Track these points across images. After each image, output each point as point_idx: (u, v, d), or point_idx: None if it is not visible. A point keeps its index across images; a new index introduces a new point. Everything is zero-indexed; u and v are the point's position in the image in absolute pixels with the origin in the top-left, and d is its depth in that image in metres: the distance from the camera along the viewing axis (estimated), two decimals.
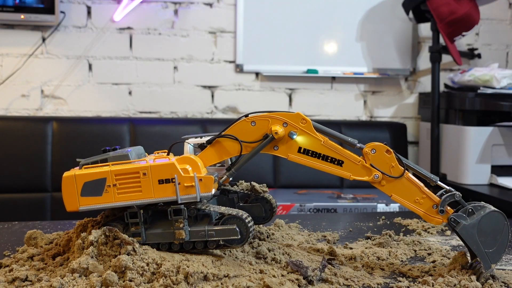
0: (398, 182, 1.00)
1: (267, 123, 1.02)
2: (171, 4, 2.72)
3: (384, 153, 1.00)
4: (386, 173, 1.00)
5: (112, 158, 1.00)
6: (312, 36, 2.82)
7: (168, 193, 0.97)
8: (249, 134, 1.02)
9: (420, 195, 1.00)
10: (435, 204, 0.99)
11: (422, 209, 1.00)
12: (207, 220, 1.01)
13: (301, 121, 1.02)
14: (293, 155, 1.02)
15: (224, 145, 1.03)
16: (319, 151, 1.01)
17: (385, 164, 1.00)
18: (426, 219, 1.00)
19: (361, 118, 2.91)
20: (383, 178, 1.00)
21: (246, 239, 0.97)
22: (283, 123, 1.01)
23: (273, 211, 1.17)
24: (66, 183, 0.98)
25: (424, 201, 1.00)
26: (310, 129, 1.02)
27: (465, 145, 2.44)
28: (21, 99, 2.66)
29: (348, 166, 1.01)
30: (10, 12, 2.51)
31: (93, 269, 0.91)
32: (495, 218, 0.97)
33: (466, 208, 0.98)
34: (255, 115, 1.02)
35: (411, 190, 1.00)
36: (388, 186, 1.01)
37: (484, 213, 0.97)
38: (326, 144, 1.01)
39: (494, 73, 2.46)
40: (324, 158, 1.01)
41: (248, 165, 1.05)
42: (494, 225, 0.97)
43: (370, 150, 1.01)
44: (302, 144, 1.02)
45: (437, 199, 1.00)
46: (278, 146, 1.03)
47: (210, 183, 0.98)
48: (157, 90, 2.75)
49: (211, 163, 1.03)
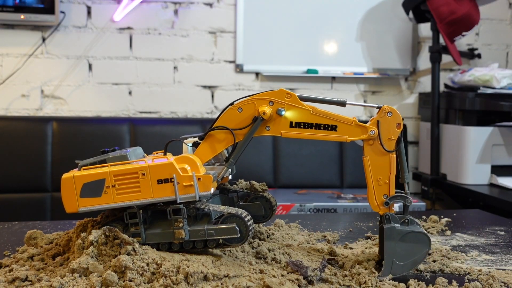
0: (381, 154, 1.00)
1: (253, 106, 1.01)
2: (171, 4, 2.72)
3: (394, 124, 1.00)
4: (381, 140, 0.99)
5: (110, 159, 1.00)
6: (312, 36, 2.82)
7: (167, 193, 0.97)
8: (239, 121, 1.02)
9: (385, 178, 1.00)
10: (386, 195, 1.00)
11: (376, 191, 1.00)
12: (207, 220, 1.01)
13: (286, 95, 1.01)
14: (286, 131, 1.02)
15: (216, 138, 1.03)
16: (310, 121, 1.00)
17: (387, 132, 1.00)
18: (370, 201, 1.00)
19: (361, 118, 2.91)
20: (375, 140, 1.00)
21: (245, 237, 0.97)
22: (269, 102, 1.01)
23: (272, 210, 1.17)
24: (65, 185, 0.98)
25: (382, 186, 1.00)
26: (296, 102, 1.01)
27: (465, 145, 2.44)
28: (21, 99, 2.66)
29: (342, 129, 1.00)
30: (10, 12, 2.51)
31: (93, 269, 0.91)
32: (421, 240, 0.98)
33: (404, 216, 0.99)
34: (240, 101, 1.02)
35: (382, 168, 1.00)
36: (372, 149, 1.00)
37: (415, 230, 0.98)
38: (316, 112, 1.00)
39: (494, 73, 2.46)
40: (317, 127, 1.01)
41: (248, 165, 1.05)
42: (417, 245, 0.98)
43: (387, 112, 0.99)
44: (292, 118, 1.01)
45: (393, 191, 1.00)
46: (269, 126, 1.02)
47: (209, 182, 0.98)
48: (157, 90, 2.75)
49: (207, 158, 1.03)
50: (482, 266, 1.09)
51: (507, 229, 1.43)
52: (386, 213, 0.99)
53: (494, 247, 1.26)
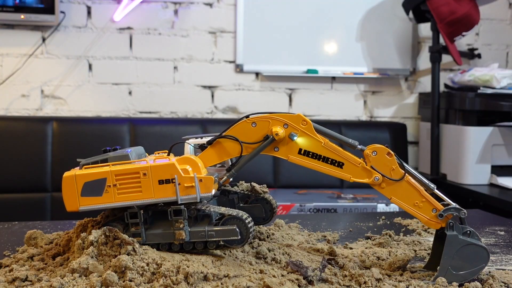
0: (398, 185, 1.00)
1: (267, 124, 1.01)
2: (171, 4, 2.72)
3: (385, 156, 1.00)
4: (387, 175, 1.00)
5: (112, 158, 1.00)
6: (312, 36, 2.82)
7: (168, 193, 0.97)
8: (250, 135, 1.02)
9: (420, 198, 1.00)
10: (434, 209, 0.99)
11: (421, 212, 1.00)
12: (207, 221, 1.00)
13: (302, 122, 1.01)
14: (294, 157, 1.02)
15: (224, 146, 1.03)
16: (320, 152, 1.01)
17: (386, 166, 1.00)
18: (424, 222, 1.00)
19: (361, 118, 2.91)
20: (383, 181, 1.00)
21: (246, 239, 0.97)
22: (284, 124, 1.01)
23: (273, 212, 1.17)
24: (66, 183, 0.98)
25: (424, 205, 1.00)
26: (310, 131, 1.02)
27: (465, 145, 2.44)
28: (21, 99, 2.66)
29: (348, 168, 1.01)
30: (10, 12, 2.51)
31: (93, 269, 0.91)
32: (481, 255, 0.97)
33: (466, 227, 0.98)
34: (255, 116, 1.02)
35: (410, 194, 1.00)
36: (388, 189, 1.00)
37: (476, 243, 0.97)
38: (327, 146, 1.01)
39: (494, 73, 2.46)
40: (325, 160, 1.01)
41: (248, 165, 1.05)
42: (475, 258, 0.97)
43: (371, 152, 1.00)
44: (302, 145, 1.02)
45: (437, 203, 0.99)
46: (278, 147, 1.02)
47: (210, 184, 0.98)
48: (157, 90, 2.75)
49: (211, 163, 1.03)
50: None
51: (507, 229, 1.43)
52: (450, 221, 0.98)
53: (494, 247, 1.26)
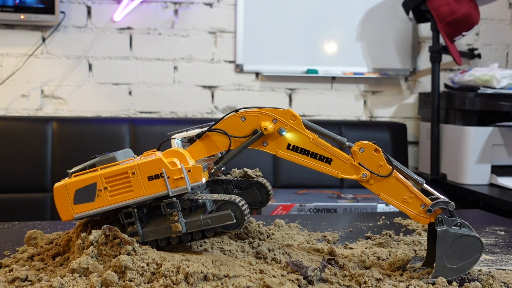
0: (387, 181, 1.00)
1: (257, 119, 1.02)
2: (171, 4, 2.72)
3: (372, 152, 1.00)
4: (374, 172, 1.00)
5: (99, 162, 1.00)
6: (312, 36, 2.82)
7: (159, 188, 0.97)
8: (239, 129, 1.02)
9: (408, 194, 1.00)
10: (423, 204, 0.99)
11: (410, 208, 1.00)
12: (202, 210, 1.01)
13: (291, 117, 1.02)
14: (282, 152, 1.02)
15: (213, 140, 1.03)
16: (308, 148, 1.01)
17: (373, 163, 1.00)
18: (413, 217, 1.00)
19: (361, 118, 2.91)
20: (372, 177, 1.01)
21: (242, 223, 0.97)
22: (273, 119, 1.01)
23: (269, 195, 1.17)
24: (58, 194, 0.98)
25: (412, 201, 1.00)
26: (299, 126, 1.02)
27: (465, 145, 2.44)
28: (21, 99, 2.66)
29: (336, 164, 1.01)
30: (10, 12, 2.51)
31: (93, 269, 0.91)
32: (474, 245, 0.97)
33: (456, 219, 0.98)
34: (245, 110, 1.02)
35: (399, 189, 1.00)
36: (377, 185, 1.01)
37: (468, 233, 0.97)
38: (315, 142, 1.01)
39: (494, 73, 2.46)
40: (313, 156, 1.01)
41: (248, 165, 1.05)
42: (469, 249, 0.97)
43: (358, 148, 1.01)
44: (291, 141, 1.02)
45: (425, 198, 1.00)
46: (267, 142, 1.02)
47: (199, 172, 0.98)
48: (157, 90, 2.75)
49: (200, 157, 1.03)
50: (482, 266, 1.09)
51: (507, 229, 1.43)
52: (438, 216, 0.98)
53: (494, 247, 1.26)
